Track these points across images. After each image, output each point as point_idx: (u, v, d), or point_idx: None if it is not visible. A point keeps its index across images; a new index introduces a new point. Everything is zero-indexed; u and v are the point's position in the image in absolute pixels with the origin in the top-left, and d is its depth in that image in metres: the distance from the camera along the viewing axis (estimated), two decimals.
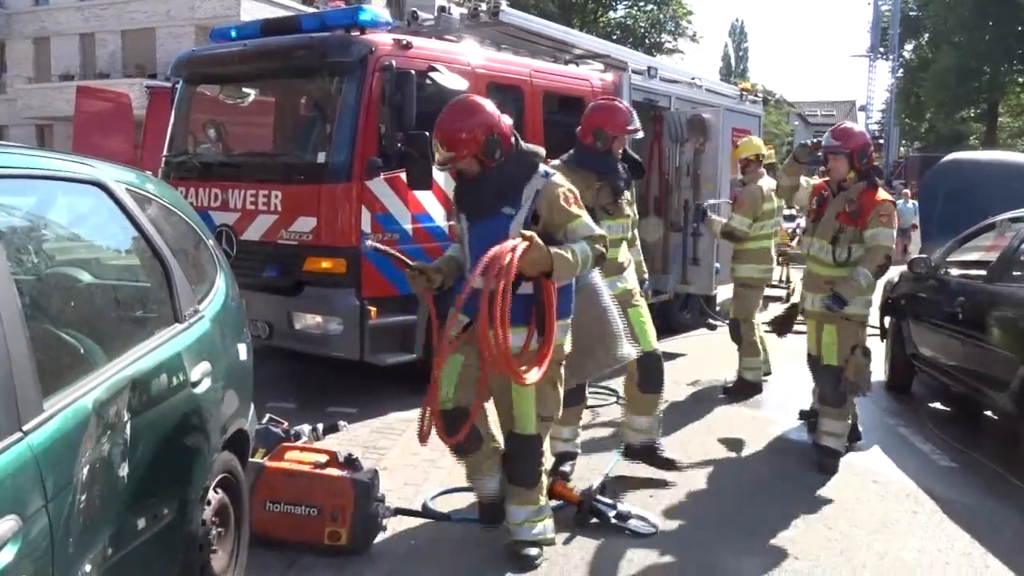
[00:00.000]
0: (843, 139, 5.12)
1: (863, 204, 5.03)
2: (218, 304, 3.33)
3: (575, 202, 3.58)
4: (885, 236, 4.98)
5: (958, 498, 4.75)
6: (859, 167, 5.08)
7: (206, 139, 7.20)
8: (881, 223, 4.98)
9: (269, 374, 6.48)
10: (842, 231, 5.09)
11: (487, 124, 3.60)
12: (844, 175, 5.11)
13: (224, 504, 3.18)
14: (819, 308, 5.15)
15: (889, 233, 5.01)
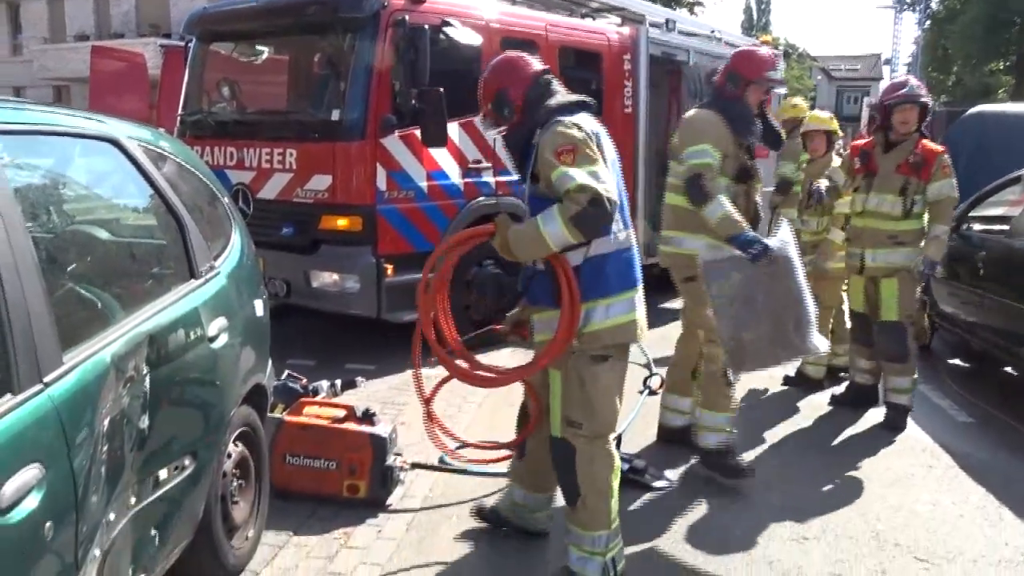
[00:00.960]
0: (924, 91, 5.14)
1: (925, 155, 4.98)
2: (234, 260, 3.35)
3: (565, 151, 2.83)
4: (950, 187, 4.96)
5: (974, 453, 4.75)
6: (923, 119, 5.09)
7: (220, 98, 7.19)
8: (945, 174, 4.95)
9: (288, 332, 6.57)
10: (909, 183, 5.00)
11: (496, 81, 3.15)
12: (916, 126, 5.06)
13: (244, 457, 3.24)
14: (881, 263, 5.08)
15: (952, 183, 4.97)
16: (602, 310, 2.96)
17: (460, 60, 6.49)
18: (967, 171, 7.68)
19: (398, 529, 3.66)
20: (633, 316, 3.02)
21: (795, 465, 4.49)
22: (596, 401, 3.00)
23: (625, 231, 3.02)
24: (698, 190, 3.94)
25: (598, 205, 2.75)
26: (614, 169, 3.02)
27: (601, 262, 2.95)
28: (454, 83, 6.25)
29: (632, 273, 3.04)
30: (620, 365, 3.07)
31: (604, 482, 3.03)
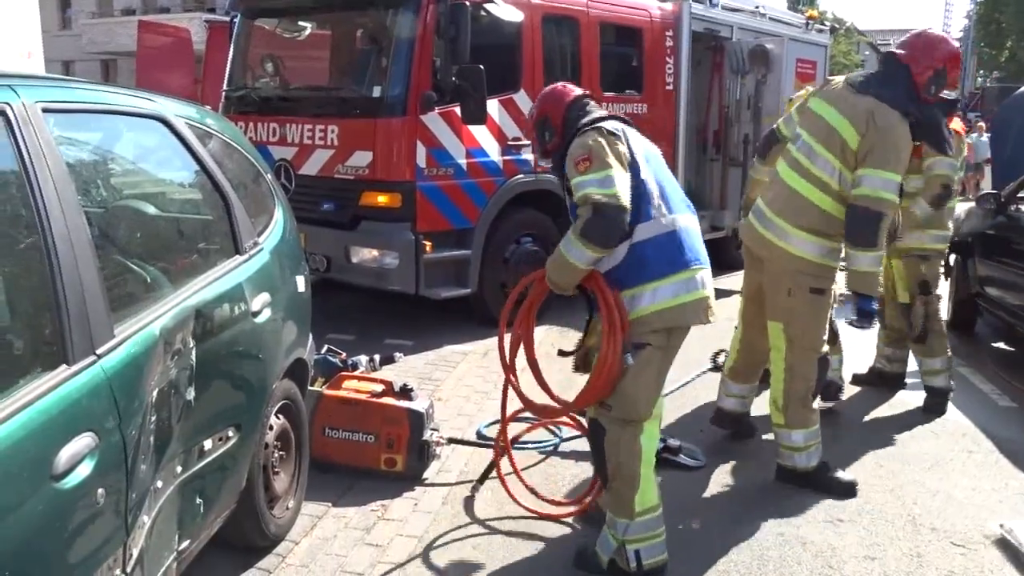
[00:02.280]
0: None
1: None
2: (277, 237, 3.42)
3: (581, 160, 2.90)
4: (941, 165, 4.65)
5: (1016, 438, 4.68)
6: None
7: (264, 73, 7.27)
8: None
9: (328, 307, 6.67)
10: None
11: (540, 110, 3.26)
12: None
13: (285, 429, 3.33)
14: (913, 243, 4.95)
15: (947, 162, 4.65)
16: (648, 295, 2.95)
17: (501, 37, 6.48)
18: (1016, 151, 7.52)
19: (434, 503, 3.73)
20: (685, 298, 2.96)
21: (831, 447, 4.45)
22: (627, 385, 2.99)
23: (671, 215, 3.00)
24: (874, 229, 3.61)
25: (601, 213, 2.83)
26: (650, 162, 3.05)
27: (643, 248, 2.94)
28: (495, 60, 6.25)
29: (682, 255, 2.97)
30: (658, 353, 2.99)
31: (628, 468, 3.02)
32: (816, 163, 3.75)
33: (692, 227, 3.08)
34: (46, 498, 1.73)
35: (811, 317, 3.86)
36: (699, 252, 3.06)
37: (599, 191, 2.84)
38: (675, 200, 3.06)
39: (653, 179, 3.00)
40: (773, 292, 3.93)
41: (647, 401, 3.01)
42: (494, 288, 6.59)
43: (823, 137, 3.74)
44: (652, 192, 2.97)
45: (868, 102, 3.68)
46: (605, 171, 2.87)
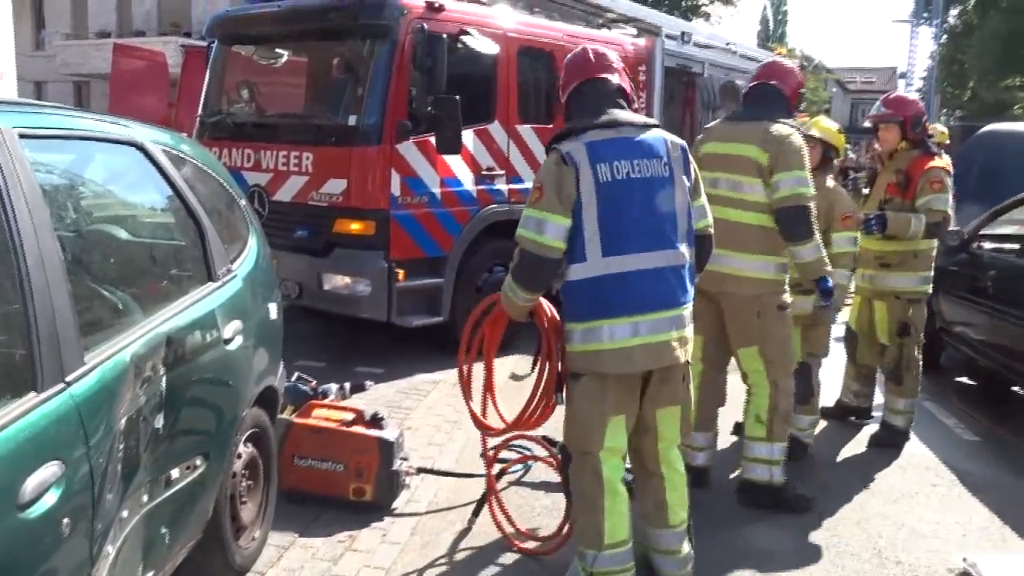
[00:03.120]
0: (896, 107, 4.98)
1: (911, 173, 4.84)
2: (250, 263, 3.41)
3: (536, 187, 2.93)
4: (938, 201, 4.73)
5: (979, 471, 4.76)
6: (912, 136, 4.91)
7: (240, 99, 7.28)
8: (933, 190, 4.75)
9: (299, 333, 6.61)
10: (888, 202, 4.91)
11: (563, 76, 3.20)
12: (895, 145, 4.96)
13: (254, 458, 3.30)
14: (867, 284, 5.08)
15: (943, 198, 4.74)
16: (579, 334, 2.95)
17: (477, 68, 6.56)
18: (979, 189, 7.72)
19: (403, 533, 3.71)
20: (604, 345, 2.89)
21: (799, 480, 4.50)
22: (569, 415, 3.05)
23: (612, 257, 2.87)
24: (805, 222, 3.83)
25: (529, 260, 2.91)
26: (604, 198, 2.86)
27: (575, 287, 2.92)
28: (470, 91, 6.33)
29: (614, 300, 2.88)
30: (596, 387, 2.94)
31: (586, 499, 3.00)
32: (744, 190, 3.93)
33: (646, 268, 2.89)
34: (11, 527, 1.71)
35: (783, 333, 4.05)
36: (643, 297, 2.89)
37: (532, 236, 2.88)
38: (630, 239, 2.89)
39: (595, 219, 2.85)
40: (741, 321, 4.02)
41: (590, 433, 2.97)
42: (466, 317, 6.57)
43: (739, 167, 3.94)
44: (592, 232, 2.86)
45: (759, 124, 3.95)
46: (544, 214, 2.86)
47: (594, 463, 2.99)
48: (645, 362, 2.93)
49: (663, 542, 3.14)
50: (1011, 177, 7.07)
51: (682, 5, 33.42)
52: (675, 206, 2.95)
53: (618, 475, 3.03)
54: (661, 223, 2.93)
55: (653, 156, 2.94)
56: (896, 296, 4.98)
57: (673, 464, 3.13)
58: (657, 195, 2.93)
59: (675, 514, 3.12)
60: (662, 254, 2.93)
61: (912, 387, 5.09)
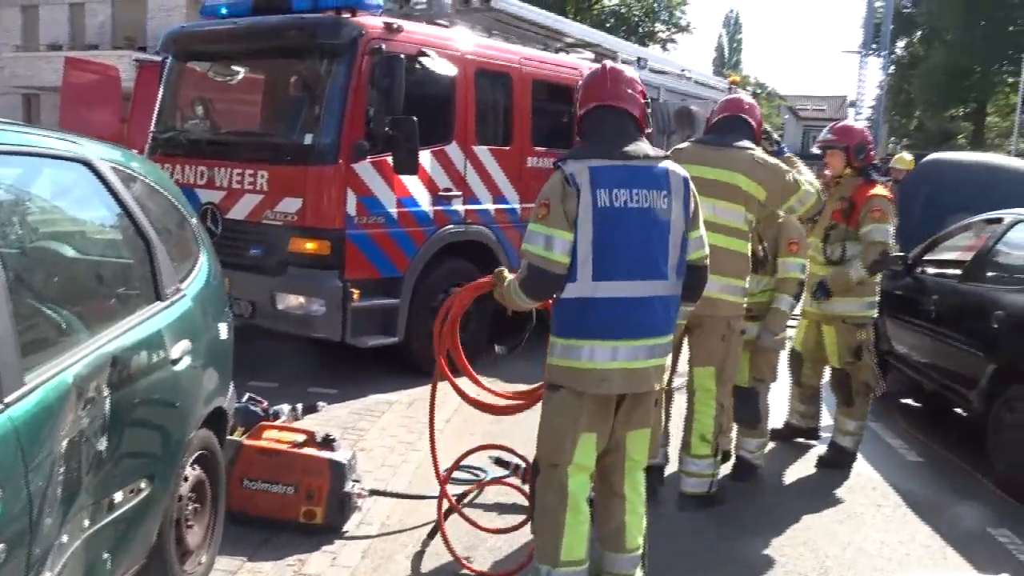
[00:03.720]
0: (841, 135, 5.14)
1: (854, 201, 4.98)
2: (200, 283, 3.37)
3: (541, 204, 2.97)
4: (878, 232, 4.88)
5: (922, 492, 4.87)
6: (855, 164, 5.04)
7: (194, 116, 7.21)
8: (873, 219, 4.89)
9: (251, 353, 6.52)
10: (833, 228, 5.05)
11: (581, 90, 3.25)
12: (840, 171, 5.10)
13: (201, 480, 3.24)
14: (815, 309, 5.16)
15: (883, 229, 4.88)
16: (560, 348, 3.02)
17: (435, 89, 6.59)
18: (923, 215, 7.94)
19: (353, 556, 3.67)
20: (580, 364, 2.95)
21: (747, 500, 4.56)
22: (541, 428, 3.10)
23: (599, 281, 2.92)
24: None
25: (537, 275, 2.96)
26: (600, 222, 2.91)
27: (564, 304, 2.99)
28: (428, 112, 6.35)
29: (594, 323, 2.94)
30: (572, 402, 2.99)
31: (548, 513, 3.03)
32: (721, 214, 4.05)
33: (634, 296, 2.95)
34: None
35: (738, 356, 4.33)
36: (625, 324, 2.95)
37: (540, 252, 2.92)
38: (620, 266, 2.93)
39: (589, 241, 2.90)
40: (708, 341, 4.18)
41: (560, 446, 3.01)
42: (422, 337, 6.57)
43: (722, 192, 4.07)
44: (585, 255, 2.91)
45: (744, 152, 4.17)
46: (551, 230, 2.91)
47: (561, 477, 3.02)
48: (621, 386, 2.99)
49: (617, 566, 3.15)
50: (953, 204, 7.29)
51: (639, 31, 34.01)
52: (669, 238, 3.00)
53: (583, 493, 3.06)
54: (653, 254, 2.98)
55: (654, 187, 2.98)
56: (843, 321, 5.09)
57: (636, 487, 3.17)
58: (652, 226, 2.97)
59: (632, 538, 3.14)
60: (651, 284, 2.98)
61: (863, 410, 5.19)
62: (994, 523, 4.45)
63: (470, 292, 3.73)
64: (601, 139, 3.03)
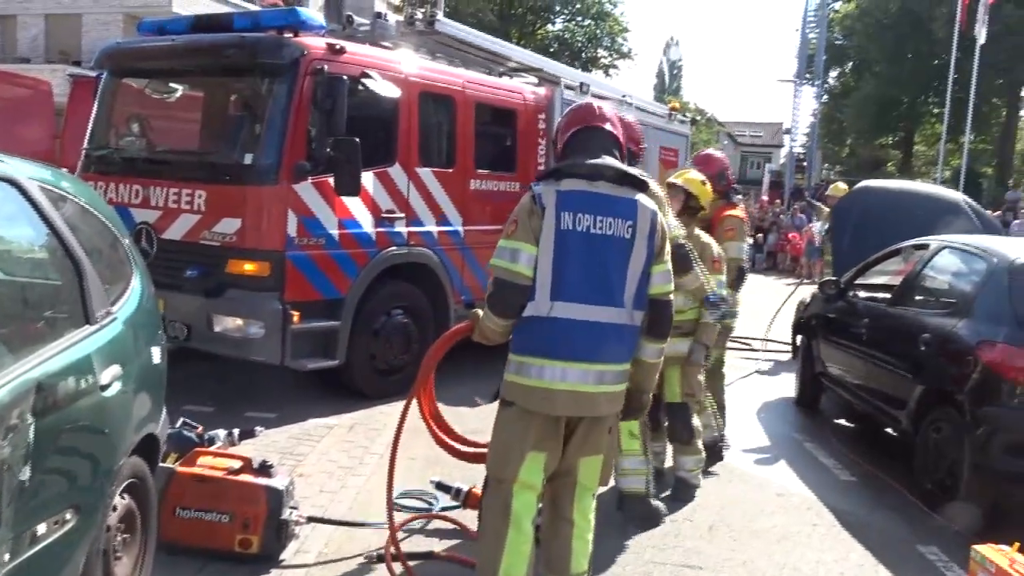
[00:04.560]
0: (703, 164, 5.62)
1: (712, 222, 5.36)
2: (132, 306, 3.28)
3: (512, 221, 3.03)
4: (733, 249, 5.20)
5: (855, 511, 4.98)
6: (718, 188, 5.46)
7: (129, 133, 7.06)
8: (727, 237, 5.27)
9: (187, 376, 6.39)
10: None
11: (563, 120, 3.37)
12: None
13: (131, 510, 3.14)
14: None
15: (737, 246, 5.23)
16: (514, 365, 3.06)
17: (378, 111, 6.58)
18: (853, 240, 8.20)
19: None
20: (531, 382, 2.99)
21: (685, 522, 4.61)
22: (491, 441, 3.14)
23: (556, 302, 2.95)
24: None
25: (502, 288, 3.00)
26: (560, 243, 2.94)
27: (523, 323, 3.02)
28: (371, 133, 6.33)
29: (550, 343, 2.98)
30: (522, 419, 3.01)
31: (490, 529, 3.06)
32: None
33: (588, 320, 2.97)
34: None
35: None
36: (577, 346, 2.97)
37: (505, 264, 2.97)
38: (577, 289, 2.96)
39: (549, 262, 2.94)
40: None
41: (507, 462, 3.04)
42: (363, 360, 6.52)
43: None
44: (544, 275, 2.95)
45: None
46: (518, 244, 2.96)
47: (506, 493, 3.04)
48: (566, 408, 3.02)
49: None
50: (882, 230, 7.54)
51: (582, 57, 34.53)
52: (628, 268, 3.02)
53: (528, 513, 3.05)
54: (610, 281, 3.01)
55: (619, 216, 3.01)
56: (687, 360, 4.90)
57: (585, 512, 3.18)
58: (613, 255, 3.00)
59: (578, 563, 3.15)
60: (606, 310, 3.00)
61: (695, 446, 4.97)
62: (923, 540, 4.58)
63: (449, 338, 3.63)
64: (584, 153, 3.08)
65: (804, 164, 39.36)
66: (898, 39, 33.67)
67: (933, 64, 32.88)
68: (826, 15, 36.84)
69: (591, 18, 34.89)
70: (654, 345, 3.18)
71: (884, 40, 34.36)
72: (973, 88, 24.17)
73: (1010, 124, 36.26)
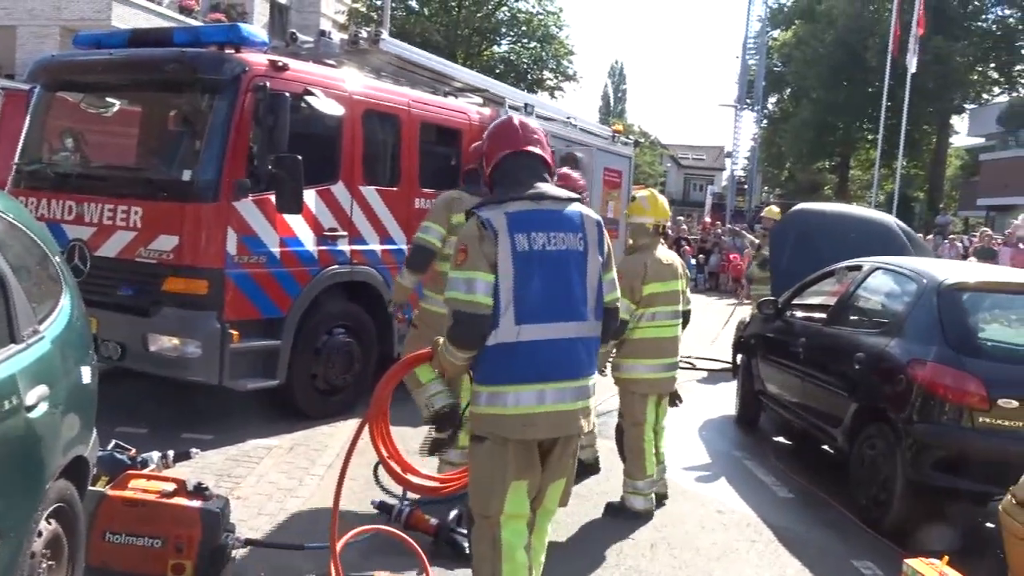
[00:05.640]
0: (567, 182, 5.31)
1: None
2: (61, 324, 3.19)
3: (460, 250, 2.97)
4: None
5: (793, 527, 5.08)
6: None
7: (63, 148, 6.88)
8: None
9: (121, 397, 6.22)
10: None
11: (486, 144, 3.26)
12: None
13: (57, 535, 3.03)
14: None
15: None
16: (485, 396, 2.97)
17: (321, 128, 6.53)
18: (791, 261, 8.39)
19: None
20: (505, 410, 2.93)
21: (628, 540, 4.63)
22: (470, 479, 3.09)
23: (521, 325, 2.90)
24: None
25: (463, 321, 2.91)
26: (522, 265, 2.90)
27: (485, 352, 2.94)
28: (314, 151, 6.27)
29: (520, 367, 2.92)
30: (497, 451, 2.95)
31: (483, 562, 3.01)
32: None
33: (557, 338, 2.95)
34: None
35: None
36: (550, 366, 2.95)
37: (463, 296, 2.89)
38: (541, 309, 2.93)
39: (511, 288, 2.89)
40: None
41: (490, 498, 2.98)
42: (304, 380, 6.42)
43: None
44: (507, 301, 2.90)
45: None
46: (471, 273, 2.89)
47: (494, 527, 3.00)
48: (547, 430, 2.98)
49: None
50: (817, 251, 7.73)
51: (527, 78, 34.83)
52: (587, 280, 3.02)
53: (519, 540, 3.02)
54: (573, 295, 3.00)
55: (570, 230, 3.01)
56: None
57: (542, 536, 3.20)
58: (571, 268, 3.00)
59: None
60: (574, 325, 3.00)
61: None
62: (857, 555, 4.69)
63: (407, 365, 3.57)
64: (516, 183, 3.04)
65: (745, 187, 40.34)
66: (834, 67, 34.78)
67: (867, 91, 34.03)
68: (765, 43, 38.01)
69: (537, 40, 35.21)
70: (600, 350, 3.23)
71: (821, 67, 35.46)
72: (905, 115, 25.08)
73: (940, 150, 37.70)
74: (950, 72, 32.37)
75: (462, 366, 3.03)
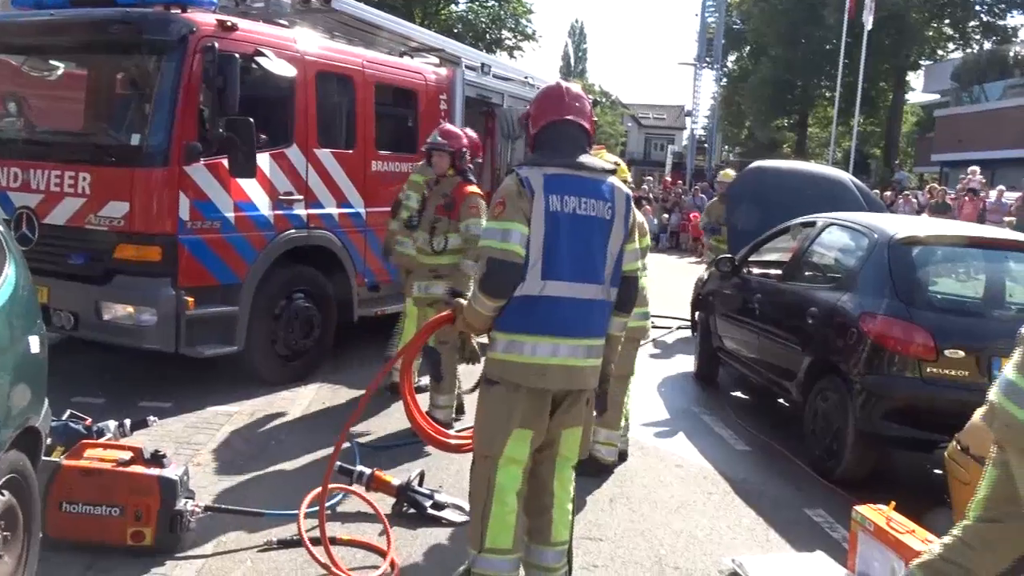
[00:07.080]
0: (449, 139, 5.69)
1: (455, 197, 5.56)
2: (6, 294, 3.12)
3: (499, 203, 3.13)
4: (476, 226, 5.33)
5: (749, 478, 5.20)
6: (458, 166, 5.65)
7: (6, 113, 6.67)
8: (471, 214, 5.49)
9: (75, 367, 6.14)
10: (438, 222, 5.59)
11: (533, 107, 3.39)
12: (446, 170, 5.65)
13: (11, 506, 3.00)
14: (422, 294, 5.70)
15: (479, 222, 5.32)
16: (502, 343, 3.12)
17: (274, 91, 6.41)
18: (747, 219, 8.48)
19: None
20: (523, 359, 3.08)
21: (587, 496, 4.71)
22: (478, 420, 3.22)
23: (546, 281, 3.05)
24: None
25: (496, 268, 3.04)
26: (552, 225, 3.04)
27: (514, 301, 3.08)
28: (267, 113, 6.16)
29: (540, 319, 3.07)
30: (508, 397, 3.10)
31: (476, 500, 3.18)
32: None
33: (576, 297, 3.09)
34: None
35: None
36: (568, 322, 3.09)
37: (497, 244, 3.04)
38: (565, 268, 3.07)
39: (540, 243, 3.04)
40: None
41: (492, 439, 3.13)
42: (263, 345, 6.38)
43: None
44: (536, 257, 3.05)
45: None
46: (508, 224, 3.04)
47: (490, 468, 3.14)
48: (557, 382, 3.12)
49: (543, 559, 3.28)
50: (773, 208, 7.82)
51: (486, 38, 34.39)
52: (609, 247, 3.16)
53: (512, 485, 3.14)
54: (595, 260, 3.15)
55: (600, 198, 3.15)
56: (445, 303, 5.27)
57: (565, 483, 3.30)
58: (596, 234, 3.14)
59: (559, 532, 3.28)
60: (593, 287, 3.15)
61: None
62: (810, 504, 4.82)
63: (429, 329, 3.68)
64: (557, 151, 3.17)
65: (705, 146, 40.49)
66: (792, 24, 34.87)
67: (825, 49, 34.18)
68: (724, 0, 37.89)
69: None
70: (620, 319, 3.33)
71: (779, 25, 35.53)
72: (861, 72, 25.28)
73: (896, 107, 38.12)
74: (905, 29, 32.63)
75: (489, 316, 3.13)
